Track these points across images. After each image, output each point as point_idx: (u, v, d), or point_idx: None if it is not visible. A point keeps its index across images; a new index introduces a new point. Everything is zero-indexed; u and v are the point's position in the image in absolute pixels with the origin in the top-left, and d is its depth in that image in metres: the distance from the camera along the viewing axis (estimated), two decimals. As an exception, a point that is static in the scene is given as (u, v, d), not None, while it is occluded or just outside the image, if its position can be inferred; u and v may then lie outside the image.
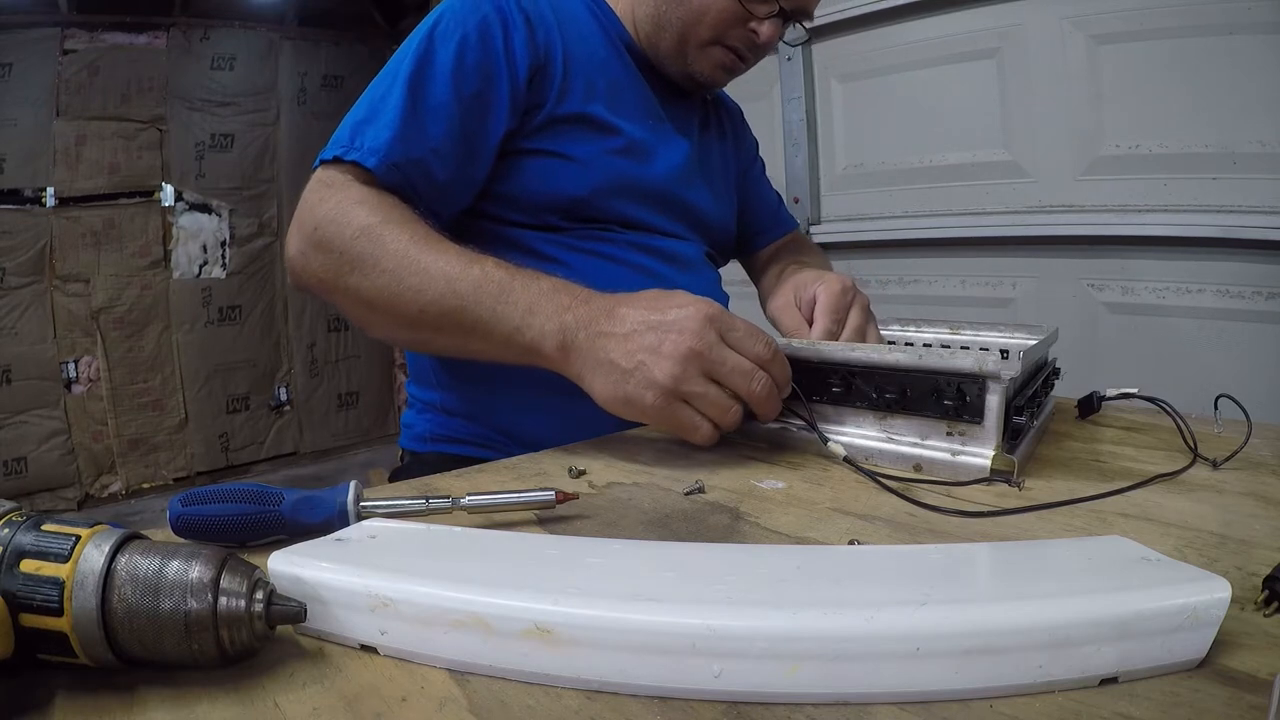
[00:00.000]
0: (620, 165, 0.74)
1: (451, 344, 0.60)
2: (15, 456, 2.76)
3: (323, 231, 0.59)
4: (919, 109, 1.65)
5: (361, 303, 0.60)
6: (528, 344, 0.55)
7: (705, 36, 0.74)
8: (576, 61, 0.71)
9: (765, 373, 0.52)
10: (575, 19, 0.74)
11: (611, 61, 0.76)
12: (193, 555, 0.27)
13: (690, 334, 0.51)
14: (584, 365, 0.54)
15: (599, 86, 0.73)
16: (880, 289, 1.78)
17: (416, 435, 0.79)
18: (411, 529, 0.37)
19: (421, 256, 0.57)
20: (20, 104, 2.72)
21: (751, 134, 1.04)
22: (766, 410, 0.54)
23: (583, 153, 0.71)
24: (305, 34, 3.30)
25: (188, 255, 3.14)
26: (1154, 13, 1.30)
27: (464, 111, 0.64)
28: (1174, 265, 1.35)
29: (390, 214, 0.59)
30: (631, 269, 0.75)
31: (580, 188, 0.71)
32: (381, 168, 0.61)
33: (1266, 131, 1.22)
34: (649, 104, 0.78)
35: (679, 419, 0.52)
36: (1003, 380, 0.49)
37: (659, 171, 0.77)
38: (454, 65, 0.64)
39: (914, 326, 0.82)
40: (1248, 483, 0.49)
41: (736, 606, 0.27)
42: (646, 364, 0.51)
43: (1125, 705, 0.25)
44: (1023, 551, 0.36)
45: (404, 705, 0.26)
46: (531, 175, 0.70)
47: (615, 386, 0.52)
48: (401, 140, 0.62)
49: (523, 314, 0.55)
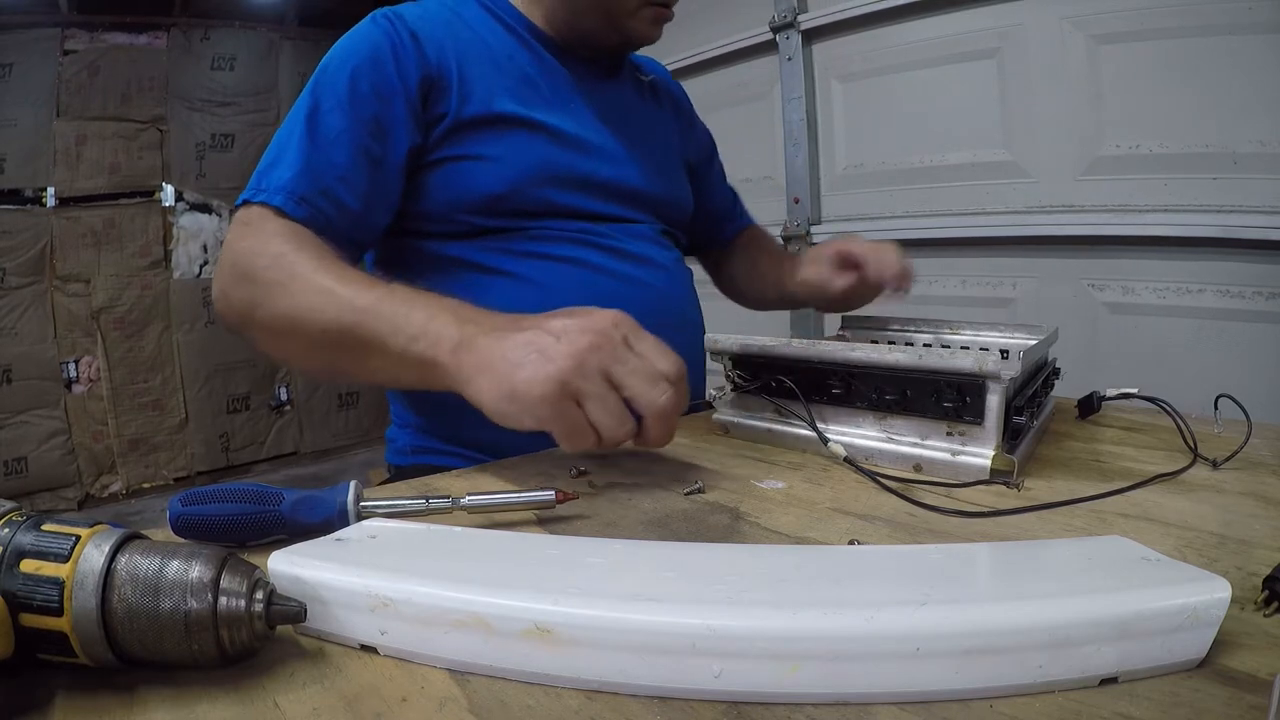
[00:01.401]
0: (542, 153, 0.72)
1: (353, 365, 0.58)
2: (15, 456, 2.76)
3: (240, 265, 0.61)
4: (919, 109, 1.65)
5: (271, 331, 0.60)
6: (422, 353, 0.51)
7: (632, 4, 0.74)
8: (475, 64, 0.71)
9: (671, 386, 0.48)
10: (470, 24, 0.75)
11: (518, 55, 0.75)
12: (193, 555, 0.27)
13: (594, 331, 0.47)
14: (474, 367, 0.49)
15: (504, 83, 0.73)
16: (880, 289, 1.78)
17: (398, 449, 0.80)
18: (411, 529, 0.37)
19: (324, 279, 0.56)
20: (20, 104, 2.72)
21: (702, 122, 1.03)
22: (659, 431, 0.48)
23: (495, 151, 0.70)
24: (305, 34, 3.30)
25: (188, 255, 3.13)
26: (1154, 13, 1.30)
27: (365, 135, 0.66)
28: (1174, 265, 1.35)
29: (300, 243, 0.60)
30: (578, 266, 0.73)
31: (499, 183, 0.70)
32: (290, 203, 0.62)
33: (1266, 131, 1.22)
34: (566, 90, 0.77)
35: (566, 418, 0.45)
36: (1003, 380, 0.49)
37: (587, 154, 0.76)
38: (349, 94, 0.66)
39: (914, 326, 0.82)
40: (1248, 483, 0.49)
41: (736, 606, 0.27)
42: (541, 355, 0.46)
43: (1125, 705, 0.25)
44: (1023, 551, 0.36)
45: (404, 705, 0.26)
46: (446, 182, 0.70)
47: (503, 381, 0.46)
48: (306, 174, 0.63)
49: (422, 322, 0.52)
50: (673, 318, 0.77)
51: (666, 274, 0.81)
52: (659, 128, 0.90)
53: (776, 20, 1.83)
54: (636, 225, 0.80)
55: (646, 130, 0.86)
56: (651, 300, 0.76)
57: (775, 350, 0.60)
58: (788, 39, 1.83)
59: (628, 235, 0.78)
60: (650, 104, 0.90)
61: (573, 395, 0.45)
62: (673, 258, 0.84)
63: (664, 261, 0.81)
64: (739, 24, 1.90)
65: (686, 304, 0.84)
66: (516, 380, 0.46)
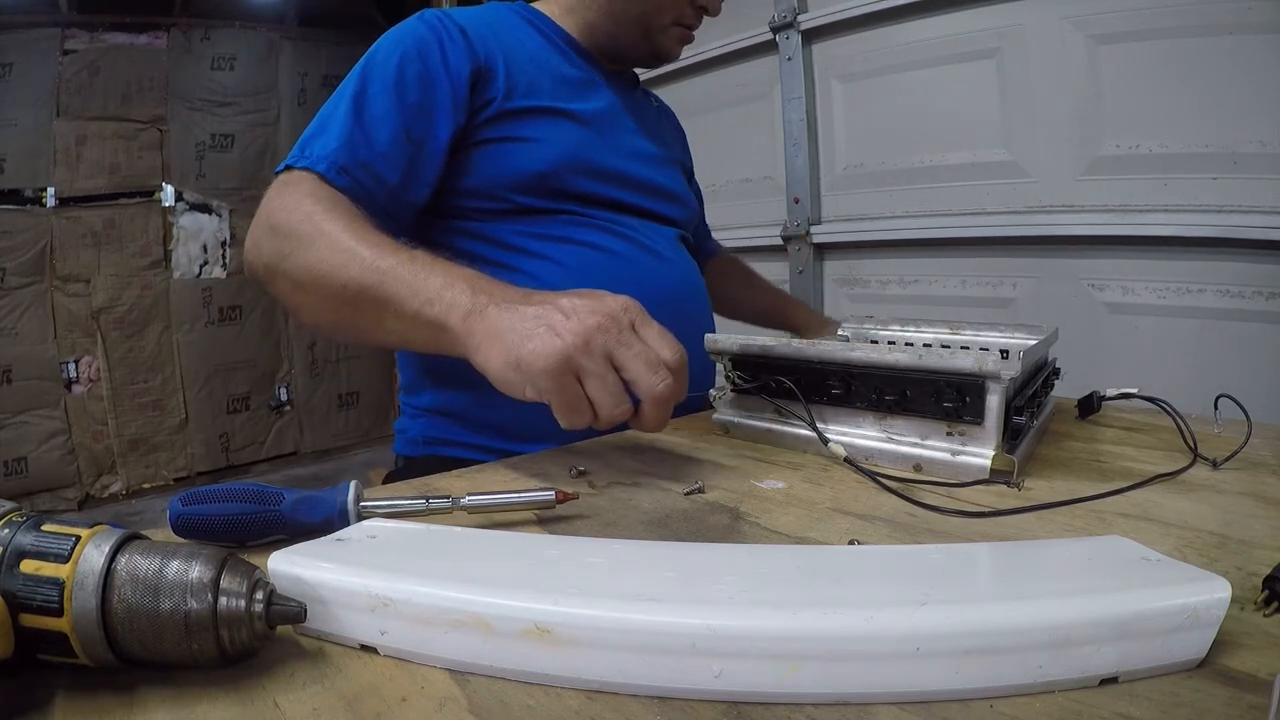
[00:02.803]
0: (580, 140, 0.78)
1: (368, 323, 0.60)
2: (15, 456, 2.76)
3: (274, 219, 0.63)
4: (919, 109, 1.65)
5: (294, 283, 0.62)
6: (435, 316, 0.53)
7: (666, 21, 0.83)
8: (519, 64, 0.76)
9: (671, 374, 0.49)
10: (512, 29, 0.81)
11: (554, 58, 0.81)
12: (193, 555, 0.27)
13: (602, 313, 0.48)
14: (484, 335, 0.51)
15: (545, 80, 0.78)
16: (880, 289, 1.78)
17: (410, 440, 0.81)
18: (411, 529, 0.37)
19: (350, 240, 0.59)
20: (20, 104, 2.71)
21: (686, 145, 1.11)
22: (655, 416, 0.50)
23: (539, 133, 0.75)
24: (306, 34, 3.30)
25: (188, 255, 3.13)
26: (1154, 13, 1.30)
27: (407, 118, 0.69)
28: (1174, 265, 1.35)
29: (333, 206, 0.63)
30: (604, 253, 0.77)
31: (540, 163, 0.74)
32: (331, 172, 0.66)
33: (1266, 131, 1.22)
34: (600, 91, 0.83)
35: (565, 392, 0.47)
36: (1003, 380, 0.49)
37: (619, 149, 0.82)
38: (395, 79, 0.70)
39: (914, 326, 0.82)
40: (1248, 483, 0.49)
41: (736, 606, 0.27)
42: (549, 329, 0.48)
43: (1125, 705, 0.25)
44: (1022, 551, 0.36)
45: (404, 705, 0.26)
46: (491, 161, 0.74)
47: (510, 350, 0.49)
48: (348, 147, 0.67)
49: (438, 288, 0.54)
50: (687, 313, 0.80)
51: (684, 272, 0.85)
52: (669, 140, 0.98)
53: (776, 20, 1.83)
54: (659, 225, 0.85)
55: (661, 140, 0.93)
56: (668, 293, 0.78)
57: (775, 350, 0.60)
58: (788, 39, 1.82)
59: (652, 231, 0.83)
60: (659, 120, 0.98)
61: (575, 371, 0.47)
62: (689, 260, 0.88)
63: (681, 261, 0.86)
64: (739, 24, 1.90)
65: (700, 303, 0.87)
66: (523, 351, 0.48)
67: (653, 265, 0.80)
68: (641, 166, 0.84)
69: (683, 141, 1.07)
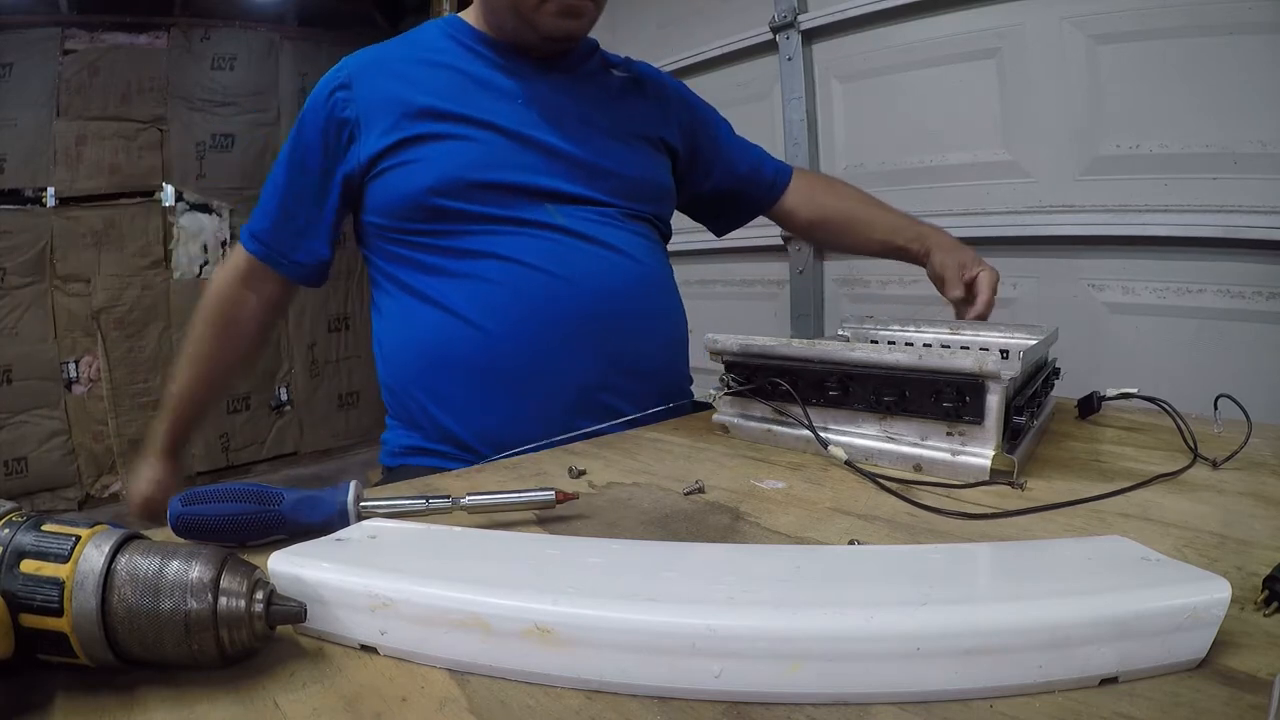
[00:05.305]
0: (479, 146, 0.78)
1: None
2: (15, 456, 2.76)
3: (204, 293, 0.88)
4: (919, 109, 1.65)
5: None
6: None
7: (534, 1, 0.78)
8: (417, 88, 0.80)
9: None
10: (420, 45, 0.85)
11: (466, 67, 0.83)
12: (193, 555, 0.27)
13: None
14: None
15: (449, 91, 0.80)
16: (880, 289, 1.78)
17: (390, 451, 0.83)
18: (411, 529, 0.37)
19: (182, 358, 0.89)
20: (20, 104, 2.71)
21: (690, 99, 1.04)
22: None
23: (429, 153, 0.77)
24: (306, 34, 3.29)
25: (188, 255, 3.13)
26: (1154, 13, 1.30)
27: (298, 184, 0.82)
28: (1174, 265, 1.35)
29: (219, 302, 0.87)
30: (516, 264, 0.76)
31: (432, 178, 0.77)
32: (250, 243, 0.84)
33: (1267, 131, 1.22)
34: (511, 86, 0.82)
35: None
36: (1003, 380, 0.49)
37: (527, 140, 0.80)
38: (288, 151, 0.83)
39: (914, 326, 0.82)
40: (1248, 483, 0.49)
41: (737, 606, 0.27)
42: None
43: (1125, 705, 0.25)
44: (1023, 552, 0.36)
45: (404, 705, 0.26)
46: (388, 185, 0.79)
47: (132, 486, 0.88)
48: (260, 216, 0.84)
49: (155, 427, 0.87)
50: (630, 303, 0.79)
51: (622, 257, 0.80)
52: (627, 114, 0.90)
53: (776, 20, 1.82)
54: (587, 207, 0.81)
55: (609, 116, 0.88)
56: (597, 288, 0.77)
57: (775, 350, 0.60)
58: (788, 39, 1.82)
59: (576, 217, 0.79)
60: (619, 95, 0.92)
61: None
62: (637, 242, 0.83)
63: (621, 244, 0.81)
64: (739, 24, 1.90)
65: (645, 289, 0.82)
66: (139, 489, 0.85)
67: (577, 260, 0.77)
68: (562, 143, 0.81)
69: (669, 102, 0.98)
